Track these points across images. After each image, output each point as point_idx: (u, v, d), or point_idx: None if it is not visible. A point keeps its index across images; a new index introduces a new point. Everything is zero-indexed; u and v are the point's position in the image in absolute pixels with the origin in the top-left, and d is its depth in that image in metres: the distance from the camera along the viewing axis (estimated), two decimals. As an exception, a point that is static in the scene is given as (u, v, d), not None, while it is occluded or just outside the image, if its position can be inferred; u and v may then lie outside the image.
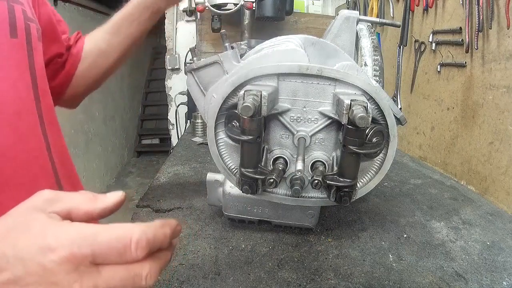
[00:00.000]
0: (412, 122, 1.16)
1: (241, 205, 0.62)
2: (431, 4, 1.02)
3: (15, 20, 0.39)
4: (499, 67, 0.79)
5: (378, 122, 0.45)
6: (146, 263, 0.25)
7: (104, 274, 0.23)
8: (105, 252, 0.23)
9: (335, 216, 0.71)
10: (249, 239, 0.61)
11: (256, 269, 0.54)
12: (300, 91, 0.45)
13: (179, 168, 0.98)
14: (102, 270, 0.23)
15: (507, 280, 0.53)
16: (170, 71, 2.67)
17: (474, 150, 0.88)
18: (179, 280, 0.51)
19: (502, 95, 0.78)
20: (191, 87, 0.54)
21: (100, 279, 0.23)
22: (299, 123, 0.47)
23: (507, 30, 0.75)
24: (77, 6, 3.14)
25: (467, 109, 0.90)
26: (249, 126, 0.41)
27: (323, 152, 0.48)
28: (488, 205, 0.79)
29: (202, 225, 0.66)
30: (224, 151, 0.49)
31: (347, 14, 0.55)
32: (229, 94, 0.45)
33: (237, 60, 0.51)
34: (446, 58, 0.97)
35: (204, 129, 1.39)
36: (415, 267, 0.55)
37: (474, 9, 0.82)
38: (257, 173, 0.44)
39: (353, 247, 0.60)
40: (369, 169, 0.49)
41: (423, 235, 0.65)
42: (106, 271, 0.23)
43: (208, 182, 0.64)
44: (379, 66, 0.56)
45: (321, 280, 0.52)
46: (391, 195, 0.83)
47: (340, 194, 0.44)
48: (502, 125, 0.78)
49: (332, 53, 0.49)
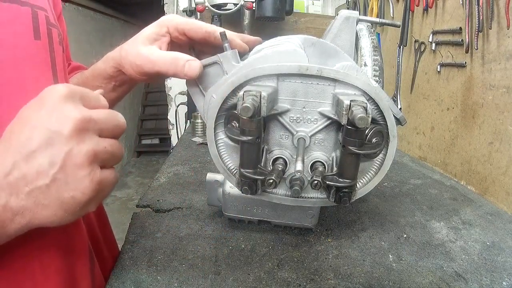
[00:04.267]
0: (412, 122, 1.16)
1: (240, 205, 0.62)
2: (431, 4, 1.02)
3: (38, 25, 0.42)
4: (499, 67, 0.79)
5: (378, 123, 0.45)
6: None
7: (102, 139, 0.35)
8: (104, 122, 0.35)
9: (335, 216, 0.71)
10: (249, 239, 0.62)
11: (255, 269, 0.54)
12: (299, 92, 0.45)
13: (179, 168, 0.98)
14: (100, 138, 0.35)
15: (507, 280, 0.53)
16: (170, 71, 2.66)
17: (474, 150, 0.88)
18: (179, 280, 0.51)
19: (502, 95, 0.78)
20: (190, 87, 0.54)
21: (99, 142, 0.34)
22: (299, 123, 0.47)
23: (507, 30, 0.75)
24: (77, 6, 3.14)
25: (467, 109, 0.90)
26: (248, 127, 0.41)
27: (322, 152, 0.48)
28: (488, 205, 0.79)
29: (202, 225, 0.66)
30: (223, 151, 0.49)
31: (347, 14, 0.55)
32: (228, 94, 0.45)
33: (236, 60, 0.51)
34: (446, 58, 0.97)
35: (204, 129, 1.39)
36: (415, 267, 0.55)
37: (474, 9, 0.82)
38: (256, 174, 0.44)
39: (353, 247, 0.60)
40: (369, 170, 0.49)
41: (423, 235, 0.65)
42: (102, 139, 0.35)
43: (208, 182, 0.64)
44: (379, 66, 0.56)
45: (320, 280, 0.52)
46: (391, 195, 0.83)
47: (339, 194, 0.44)
48: (502, 125, 0.78)
49: (332, 54, 0.49)
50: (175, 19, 0.52)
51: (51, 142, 0.31)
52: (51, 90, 0.33)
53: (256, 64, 0.46)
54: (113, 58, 0.53)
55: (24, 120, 0.32)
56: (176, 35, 0.52)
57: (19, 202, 0.31)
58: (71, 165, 0.32)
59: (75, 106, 0.33)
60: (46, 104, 0.32)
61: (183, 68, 0.47)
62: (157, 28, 0.51)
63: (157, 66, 0.48)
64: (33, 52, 0.41)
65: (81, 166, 0.32)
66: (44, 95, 0.33)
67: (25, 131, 0.31)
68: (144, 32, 0.51)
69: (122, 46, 0.52)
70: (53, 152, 0.31)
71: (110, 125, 0.36)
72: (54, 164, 0.31)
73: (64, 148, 0.31)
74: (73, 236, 0.47)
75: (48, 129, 0.31)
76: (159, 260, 0.55)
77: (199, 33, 0.52)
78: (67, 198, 0.32)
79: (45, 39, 0.43)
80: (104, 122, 0.35)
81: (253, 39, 0.57)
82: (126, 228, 0.64)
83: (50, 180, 0.31)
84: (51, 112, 0.32)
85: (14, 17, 0.39)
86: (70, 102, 0.33)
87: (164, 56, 0.48)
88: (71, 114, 0.32)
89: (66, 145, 0.31)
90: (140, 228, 0.65)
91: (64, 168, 0.31)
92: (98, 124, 0.34)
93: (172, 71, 0.48)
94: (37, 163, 0.31)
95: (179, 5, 2.21)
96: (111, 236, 0.67)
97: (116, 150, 0.36)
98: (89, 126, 0.33)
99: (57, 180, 0.31)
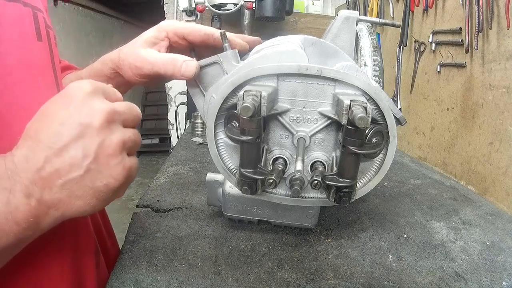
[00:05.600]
0: (412, 123, 1.16)
1: (240, 205, 0.62)
2: (431, 4, 1.02)
3: (39, 26, 0.42)
4: (499, 67, 0.79)
5: (378, 123, 0.45)
6: None
7: (125, 130, 0.37)
8: (125, 113, 0.37)
9: (335, 216, 0.71)
10: (249, 239, 0.62)
11: (255, 269, 0.54)
12: (299, 92, 0.45)
13: (179, 168, 0.98)
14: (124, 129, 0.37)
15: (507, 280, 0.53)
16: (170, 71, 2.66)
17: (474, 151, 0.88)
18: (179, 280, 0.51)
19: (502, 95, 0.78)
20: (190, 87, 0.54)
21: (125, 132, 0.36)
22: (299, 123, 0.47)
23: (507, 30, 0.75)
24: (77, 6, 3.14)
25: (467, 109, 0.90)
26: (248, 127, 0.41)
27: (322, 152, 0.48)
28: (488, 205, 0.79)
29: (202, 225, 0.66)
30: (223, 151, 0.49)
31: (347, 14, 0.55)
32: (228, 94, 0.45)
33: (236, 60, 0.51)
34: (446, 58, 0.98)
35: (204, 129, 1.39)
36: (415, 267, 0.55)
37: (474, 9, 0.83)
38: (256, 174, 0.44)
39: (353, 247, 0.60)
40: (369, 170, 0.49)
41: (423, 235, 0.65)
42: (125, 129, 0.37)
43: (208, 182, 0.64)
44: (378, 66, 0.56)
45: (320, 280, 0.52)
46: (391, 195, 0.83)
47: (339, 194, 0.44)
48: (502, 126, 0.78)
49: (332, 53, 0.49)
50: (174, 24, 0.53)
51: (82, 135, 0.33)
52: (76, 86, 0.35)
53: (256, 64, 0.46)
54: (111, 59, 0.53)
55: (50, 116, 0.33)
56: (175, 40, 0.53)
57: (53, 195, 0.32)
58: (104, 154, 0.33)
59: (101, 100, 0.35)
60: (74, 100, 0.34)
61: (180, 68, 0.48)
62: (156, 33, 0.52)
63: (156, 66, 0.49)
64: (37, 54, 0.42)
65: (113, 155, 0.34)
66: (70, 92, 0.34)
67: (53, 126, 0.33)
68: (143, 36, 0.52)
69: (121, 49, 0.53)
70: (85, 144, 0.33)
71: (131, 116, 0.38)
72: (87, 155, 0.33)
73: (97, 139, 0.33)
74: (80, 231, 0.48)
75: (79, 123, 0.33)
76: (159, 260, 0.55)
77: (198, 36, 0.52)
78: (101, 186, 0.34)
79: (45, 41, 0.44)
80: (126, 113, 0.37)
81: (253, 39, 0.58)
82: (126, 228, 0.64)
83: (84, 171, 0.33)
84: (80, 107, 0.33)
85: (19, 17, 0.39)
86: (96, 96, 0.35)
87: (162, 57, 0.49)
88: (100, 107, 0.34)
89: (98, 136, 0.33)
90: (140, 228, 0.65)
91: (97, 158, 0.33)
92: (122, 115, 0.36)
93: (170, 71, 0.49)
94: (69, 156, 0.32)
95: (179, 5, 2.21)
96: (111, 229, 0.68)
97: (138, 138, 0.39)
98: (116, 117, 0.35)
99: (91, 170, 0.33)
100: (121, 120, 0.36)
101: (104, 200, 0.35)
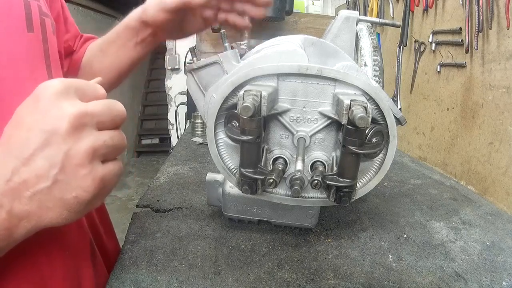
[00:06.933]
0: (412, 123, 1.16)
1: (240, 205, 0.62)
2: (431, 5, 1.02)
3: (31, 16, 0.41)
4: (499, 67, 0.79)
5: (378, 122, 0.45)
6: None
7: (100, 133, 0.33)
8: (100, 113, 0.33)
9: (335, 216, 0.71)
10: (249, 239, 0.61)
11: (255, 269, 0.54)
12: (299, 91, 0.45)
13: (179, 168, 0.98)
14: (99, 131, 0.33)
15: (507, 280, 0.53)
16: (170, 71, 2.67)
17: (474, 151, 0.88)
18: (179, 280, 0.51)
19: (502, 96, 0.78)
20: (190, 87, 0.54)
21: (98, 136, 0.32)
22: (299, 123, 0.47)
23: (507, 30, 0.75)
24: (77, 6, 3.14)
25: (467, 109, 0.90)
26: (248, 126, 0.41)
27: (322, 152, 0.48)
28: (488, 205, 0.79)
29: (202, 225, 0.66)
30: (223, 151, 0.49)
31: (347, 14, 0.55)
32: (228, 94, 0.45)
33: (237, 60, 0.51)
34: (446, 58, 0.98)
35: (204, 129, 1.39)
36: (415, 267, 0.55)
37: (474, 9, 0.83)
38: (256, 173, 0.44)
39: (353, 247, 0.60)
40: (369, 169, 0.49)
41: (423, 235, 0.65)
42: (101, 132, 0.33)
43: (208, 182, 0.64)
44: (379, 66, 0.56)
45: (320, 280, 0.52)
46: (391, 195, 0.83)
47: (339, 194, 0.44)
48: (502, 126, 0.78)
49: (332, 53, 0.49)
50: None
51: (47, 143, 0.30)
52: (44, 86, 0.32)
53: (256, 64, 0.46)
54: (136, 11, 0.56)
55: (19, 121, 0.31)
56: None
57: (22, 207, 0.30)
58: (71, 164, 0.31)
59: (70, 102, 0.31)
60: (41, 102, 0.31)
61: None
62: None
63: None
64: (27, 46, 0.40)
65: (81, 165, 0.31)
66: (38, 93, 0.31)
67: (21, 133, 0.31)
68: None
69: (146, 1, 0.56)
70: (51, 153, 0.30)
71: (109, 116, 0.34)
72: (54, 165, 0.30)
73: (62, 148, 0.30)
74: (74, 231, 0.48)
75: (44, 130, 0.30)
76: (159, 260, 0.55)
77: None
78: (70, 199, 0.31)
79: (38, 31, 0.42)
80: (102, 113, 0.33)
81: None
82: (126, 228, 0.64)
83: (51, 182, 0.30)
84: (45, 111, 0.30)
85: (7, 10, 0.39)
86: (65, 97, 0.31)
87: None
88: (67, 111, 0.30)
89: (64, 144, 0.30)
90: (140, 228, 0.65)
91: (64, 168, 0.30)
92: (96, 117, 0.32)
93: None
94: (36, 166, 0.30)
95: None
96: (111, 228, 0.67)
97: (118, 142, 0.35)
98: (86, 121, 0.31)
99: (59, 181, 0.31)
100: (94, 123, 0.32)
101: (77, 212, 0.33)
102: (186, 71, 0.56)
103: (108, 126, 0.34)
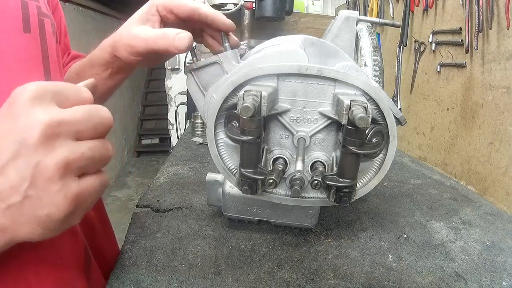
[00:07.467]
0: (412, 123, 1.16)
1: (240, 205, 0.62)
2: (431, 5, 1.02)
3: (29, 16, 0.40)
4: (499, 67, 0.79)
5: (378, 123, 0.45)
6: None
7: (79, 143, 0.30)
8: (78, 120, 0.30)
9: (335, 216, 0.71)
10: (249, 239, 0.62)
11: (255, 269, 0.54)
12: (299, 92, 0.45)
13: (179, 168, 0.98)
14: (77, 142, 0.30)
15: (507, 280, 0.53)
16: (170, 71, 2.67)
17: (473, 151, 0.88)
18: (179, 280, 0.51)
19: (502, 96, 0.78)
20: (190, 87, 0.54)
21: (74, 148, 0.29)
22: (299, 123, 0.47)
23: (507, 30, 0.75)
24: (77, 6, 3.14)
25: (467, 109, 0.90)
26: (248, 127, 0.41)
27: (322, 152, 0.48)
28: (488, 205, 0.79)
29: (202, 225, 0.66)
30: (223, 151, 0.49)
31: (347, 14, 0.55)
32: (228, 94, 0.45)
33: (237, 60, 0.51)
34: (446, 59, 0.98)
35: (204, 129, 1.39)
36: (415, 267, 0.55)
37: (474, 9, 0.83)
38: (256, 174, 0.44)
39: (353, 247, 0.60)
40: (369, 170, 0.49)
41: (422, 235, 0.65)
42: (80, 143, 0.30)
43: (208, 182, 0.64)
44: (379, 66, 0.56)
45: (320, 280, 0.52)
46: (391, 195, 0.83)
47: (339, 194, 0.44)
48: (502, 126, 0.78)
49: (332, 53, 0.49)
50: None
51: (18, 154, 0.27)
52: (20, 90, 0.29)
53: (256, 64, 0.46)
54: (109, 44, 0.52)
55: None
56: (164, 14, 0.51)
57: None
58: (42, 179, 0.28)
59: (43, 108, 0.28)
60: (14, 109, 0.28)
61: (173, 41, 0.46)
62: (147, 9, 0.51)
63: (149, 43, 0.47)
64: (22, 47, 0.39)
65: (52, 180, 0.28)
66: (14, 97, 0.29)
67: None
68: (136, 15, 0.51)
69: (117, 31, 0.52)
70: (21, 166, 0.27)
71: (90, 124, 0.30)
72: (24, 178, 0.27)
73: (32, 161, 0.27)
74: (66, 240, 0.46)
75: (14, 140, 0.27)
76: (159, 260, 0.55)
77: (184, 10, 0.51)
78: (43, 216, 0.29)
79: (36, 32, 0.42)
80: (82, 121, 0.30)
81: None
82: (126, 228, 0.64)
83: (22, 197, 0.28)
84: (17, 118, 0.28)
85: (2, 10, 0.38)
86: (39, 103, 0.28)
87: (154, 32, 0.48)
88: (37, 119, 0.27)
89: (34, 156, 0.27)
90: (140, 228, 0.65)
91: (35, 183, 0.28)
92: (74, 126, 0.29)
93: (164, 46, 0.46)
94: (8, 178, 0.27)
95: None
96: (109, 229, 0.66)
97: (99, 153, 0.31)
98: (61, 130, 0.28)
99: (29, 196, 0.28)
100: (71, 133, 0.29)
101: (52, 229, 0.30)
102: (186, 71, 0.56)
103: (88, 136, 0.31)
